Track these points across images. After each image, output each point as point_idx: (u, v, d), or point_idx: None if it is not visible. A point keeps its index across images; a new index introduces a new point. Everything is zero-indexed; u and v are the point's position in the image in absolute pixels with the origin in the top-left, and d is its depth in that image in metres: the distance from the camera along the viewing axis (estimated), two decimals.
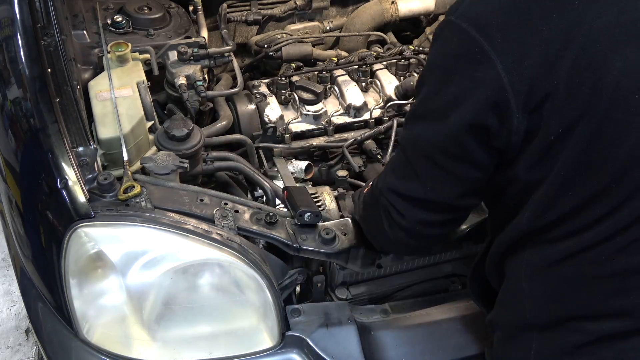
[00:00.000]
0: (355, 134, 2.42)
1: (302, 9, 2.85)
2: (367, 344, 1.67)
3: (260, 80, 2.51)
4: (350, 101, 2.46)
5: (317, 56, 2.74)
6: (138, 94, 1.99)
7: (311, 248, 1.71)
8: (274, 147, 2.35)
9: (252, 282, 1.64)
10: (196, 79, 2.22)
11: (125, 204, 1.63)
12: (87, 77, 2.08)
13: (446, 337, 1.74)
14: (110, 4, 2.43)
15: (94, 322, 1.61)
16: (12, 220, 1.79)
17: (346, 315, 1.71)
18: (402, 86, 2.45)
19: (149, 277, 1.59)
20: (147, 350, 1.61)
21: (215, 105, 2.32)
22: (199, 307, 1.65)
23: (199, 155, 1.99)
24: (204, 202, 1.72)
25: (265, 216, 1.72)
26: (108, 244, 1.58)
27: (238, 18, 2.76)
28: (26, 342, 2.89)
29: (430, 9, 2.90)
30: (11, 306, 3.03)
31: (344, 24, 2.90)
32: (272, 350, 1.65)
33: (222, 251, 1.61)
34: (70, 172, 1.63)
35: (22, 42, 1.81)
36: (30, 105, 1.75)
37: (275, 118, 2.36)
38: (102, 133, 1.86)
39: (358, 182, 2.31)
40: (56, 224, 1.61)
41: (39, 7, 1.84)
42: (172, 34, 2.37)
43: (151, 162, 1.78)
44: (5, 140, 1.81)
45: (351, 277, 1.87)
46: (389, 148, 2.35)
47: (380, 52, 2.74)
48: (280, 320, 1.66)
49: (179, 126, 1.92)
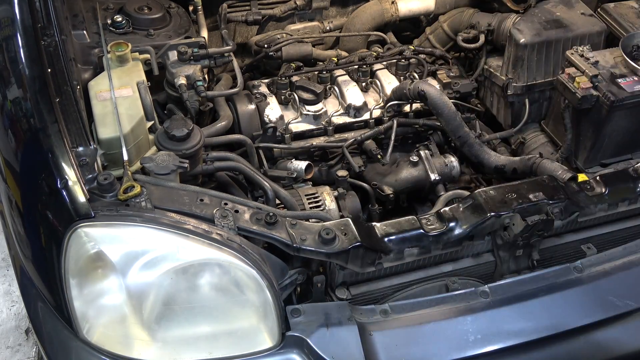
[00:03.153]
0: (355, 134, 2.42)
1: (302, 9, 2.85)
2: (367, 344, 1.67)
3: (260, 80, 2.51)
4: (350, 101, 2.46)
5: (317, 56, 2.74)
6: (138, 94, 1.99)
7: (311, 248, 1.71)
8: (274, 147, 2.35)
9: (252, 282, 1.64)
10: (196, 79, 2.22)
11: (125, 204, 1.63)
12: (87, 77, 2.08)
13: (446, 337, 1.74)
14: (110, 4, 2.43)
15: (94, 322, 1.61)
16: (12, 220, 1.79)
17: (346, 315, 1.71)
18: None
19: (149, 277, 1.59)
20: (147, 350, 1.61)
21: (215, 105, 2.32)
22: (199, 307, 1.65)
23: (199, 155, 1.99)
24: (204, 202, 1.72)
25: (265, 216, 1.72)
26: (108, 244, 1.58)
27: (238, 18, 2.76)
28: (26, 342, 2.89)
29: (430, 9, 2.91)
30: (11, 306, 3.03)
31: (344, 24, 2.90)
32: (272, 351, 1.65)
33: (222, 251, 1.61)
34: (70, 172, 1.63)
35: (22, 42, 1.81)
36: (30, 105, 1.75)
37: (275, 118, 2.36)
38: (102, 133, 1.86)
39: (358, 182, 2.32)
40: (56, 224, 1.61)
41: (39, 7, 1.84)
42: (172, 34, 2.37)
43: (151, 162, 1.78)
44: (5, 140, 1.81)
45: (351, 277, 1.87)
46: (389, 148, 2.36)
47: (380, 52, 2.74)
48: (280, 321, 1.66)
49: (179, 126, 1.92)
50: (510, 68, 2.51)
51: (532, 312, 1.80)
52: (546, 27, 2.48)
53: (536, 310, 1.80)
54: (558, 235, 2.05)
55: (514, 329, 1.76)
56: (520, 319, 1.78)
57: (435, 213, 1.88)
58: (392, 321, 1.75)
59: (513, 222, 1.87)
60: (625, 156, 2.40)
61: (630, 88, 2.22)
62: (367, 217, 2.33)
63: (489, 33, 2.65)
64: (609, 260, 1.94)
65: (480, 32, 2.66)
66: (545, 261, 2.03)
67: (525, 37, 2.44)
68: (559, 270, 1.89)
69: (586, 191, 1.97)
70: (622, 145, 2.36)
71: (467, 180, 2.57)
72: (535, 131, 2.59)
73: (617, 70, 2.27)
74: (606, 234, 2.10)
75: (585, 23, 2.51)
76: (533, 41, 2.44)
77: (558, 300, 1.82)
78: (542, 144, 2.53)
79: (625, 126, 2.29)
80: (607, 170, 2.29)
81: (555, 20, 2.51)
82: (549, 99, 2.57)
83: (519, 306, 1.80)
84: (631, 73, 2.27)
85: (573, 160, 2.41)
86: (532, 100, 2.55)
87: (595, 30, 2.50)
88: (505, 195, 1.90)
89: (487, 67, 2.63)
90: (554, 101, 2.50)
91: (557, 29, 2.48)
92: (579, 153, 2.38)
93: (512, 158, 2.38)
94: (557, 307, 1.81)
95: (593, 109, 2.25)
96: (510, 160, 2.36)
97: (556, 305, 1.82)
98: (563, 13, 2.55)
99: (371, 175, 2.39)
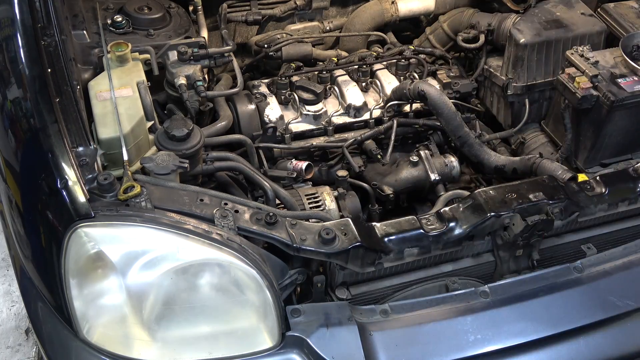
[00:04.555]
0: (355, 134, 2.42)
1: (302, 9, 2.85)
2: (367, 344, 1.67)
3: (260, 80, 2.51)
4: (350, 101, 2.46)
5: (317, 56, 2.74)
6: (138, 94, 1.99)
7: (311, 248, 1.71)
8: (274, 147, 2.35)
9: (252, 282, 1.64)
10: (196, 79, 2.22)
11: (125, 204, 1.63)
12: (87, 77, 2.08)
13: (446, 337, 1.74)
14: (110, 4, 2.43)
15: (94, 322, 1.61)
16: (12, 220, 1.79)
17: (346, 316, 1.71)
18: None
19: (149, 277, 1.59)
20: (147, 350, 1.61)
21: (215, 105, 2.32)
22: (199, 307, 1.65)
23: (199, 155, 1.99)
24: (204, 202, 1.72)
25: (265, 216, 1.72)
26: (108, 244, 1.58)
27: (238, 18, 2.76)
28: (26, 342, 2.89)
29: (430, 9, 2.91)
30: (11, 306, 3.03)
31: (344, 24, 2.90)
32: (272, 351, 1.65)
33: (222, 251, 1.61)
34: (70, 172, 1.63)
35: (22, 42, 1.81)
36: (30, 105, 1.75)
37: (275, 118, 2.36)
38: (102, 133, 1.86)
39: (358, 182, 2.32)
40: (56, 224, 1.61)
41: (39, 7, 1.84)
42: (172, 34, 2.37)
43: (151, 162, 1.78)
44: (5, 140, 1.81)
45: (351, 277, 1.87)
46: (389, 148, 2.36)
47: (380, 52, 2.74)
48: (280, 321, 1.66)
49: (179, 126, 1.92)
50: (510, 68, 2.51)
51: (532, 312, 1.80)
52: (546, 27, 2.48)
53: (536, 310, 1.80)
54: (558, 235, 2.06)
55: (514, 329, 1.76)
56: (520, 319, 1.78)
57: (435, 213, 1.88)
58: (392, 321, 1.75)
59: (513, 222, 1.87)
60: (625, 156, 2.40)
61: (630, 88, 2.22)
62: (367, 217, 2.33)
63: (489, 33, 2.65)
64: (609, 260, 1.94)
65: (480, 32, 2.66)
66: (545, 261, 2.03)
67: (525, 37, 2.44)
68: (559, 270, 1.89)
69: (586, 191, 1.97)
70: (622, 145, 2.36)
71: (467, 180, 2.57)
72: (535, 131, 2.59)
73: (617, 70, 2.27)
74: (606, 234, 2.10)
75: (585, 23, 2.51)
76: (533, 41, 2.44)
77: (558, 300, 1.82)
78: (542, 144, 2.53)
79: (625, 126, 2.29)
80: (607, 170, 2.29)
81: (555, 20, 2.51)
82: (549, 99, 2.57)
83: (519, 306, 1.80)
84: (631, 73, 2.27)
85: (573, 160, 2.41)
86: (532, 100, 2.55)
87: (595, 30, 2.50)
88: (505, 195, 1.90)
89: (487, 67, 2.63)
90: (554, 101, 2.50)
91: (557, 29, 2.48)
92: (579, 153, 2.38)
93: (512, 158, 2.38)
94: (557, 307, 1.81)
95: (593, 109, 2.25)
96: (510, 161, 2.35)
97: (556, 305, 1.81)
98: (563, 13, 2.55)
99: (371, 175, 2.39)
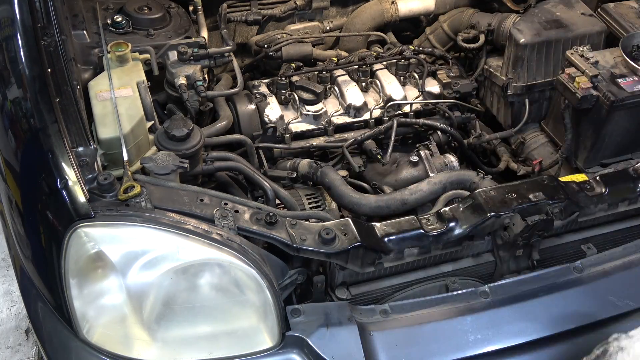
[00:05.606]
0: (355, 134, 2.42)
1: (302, 9, 2.85)
2: (367, 344, 1.67)
3: (260, 80, 2.51)
4: (350, 101, 2.46)
5: (317, 56, 2.74)
6: (138, 94, 1.99)
7: (311, 248, 1.71)
8: (274, 147, 2.35)
9: (252, 282, 1.64)
10: (196, 79, 2.22)
11: (125, 204, 1.63)
12: (87, 77, 2.08)
13: (446, 337, 1.74)
14: (110, 4, 2.43)
15: (94, 322, 1.61)
16: (12, 220, 1.79)
17: (346, 316, 1.71)
18: None
19: (149, 277, 1.59)
20: (147, 350, 1.61)
21: (215, 105, 2.32)
22: (199, 307, 1.65)
23: (199, 155, 1.99)
24: (204, 202, 1.72)
25: (265, 216, 1.72)
26: (108, 244, 1.58)
27: (238, 18, 2.76)
28: (26, 342, 2.89)
29: (430, 9, 2.91)
30: (11, 306, 3.03)
31: (344, 24, 2.90)
32: (272, 351, 1.65)
33: (222, 251, 1.61)
34: (70, 172, 1.63)
35: (22, 42, 1.81)
36: (30, 105, 1.75)
37: (275, 118, 2.36)
38: (102, 133, 1.86)
39: (358, 182, 2.31)
40: (56, 224, 1.61)
41: (39, 7, 1.84)
42: (172, 34, 2.37)
43: (151, 162, 1.78)
44: (5, 140, 1.81)
45: (351, 277, 1.87)
46: (389, 148, 2.36)
47: (380, 52, 2.74)
48: (280, 321, 1.66)
49: (179, 126, 1.92)
50: (510, 68, 2.51)
51: (532, 312, 1.80)
52: (546, 27, 2.48)
53: (536, 310, 1.80)
54: (558, 235, 2.06)
55: (514, 329, 1.76)
56: (520, 319, 1.78)
57: (435, 213, 1.88)
58: (392, 321, 1.75)
59: (513, 222, 1.87)
60: (625, 156, 2.39)
61: (630, 88, 2.22)
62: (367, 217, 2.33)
63: (489, 33, 2.65)
64: (609, 260, 1.94)
65: (480, 32, 2.66)
66: (545, 261, 2.03)
67: (525, 37, 2.44)
68: (559, 270, 1.89)
69: (586, 191, 1.97)
70: (622, 145, 2.36)
71: None
72: (535, 131, 2.59)
73: (617, 70, 2.27)
74: (606, 234, 2.10)
75: (585, 23, 2.51)
76: (533, 41, 2.44)
77: (558, 300, 1.82)
78: (542, 144, 2.53)
79: (625, 126, 2.29)
80: (607, 170, 2.29)
81: (555, 20, 2.51)
82: (549, 99, 2.56)
83: (519, 306, 1.80)
84: (631, 73, 2.26)
85: (573, 160, 2.41)
86: (532, 100, 2.55)
87: (595, 30, 2.50)
88: (505, 195, 1.90)
89: (487, 67, 2.63)
90: (554, 101, 2.50)
91: (557, 29, 2.48)
92: (579, 153, 2.38)
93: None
94: (557, 307, 1.81)
95: (593, 109, 2.25)
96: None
97: (556, 305, 1.81)
98: (563, 13, 2.55)
99: (371, 175, 2.39)
